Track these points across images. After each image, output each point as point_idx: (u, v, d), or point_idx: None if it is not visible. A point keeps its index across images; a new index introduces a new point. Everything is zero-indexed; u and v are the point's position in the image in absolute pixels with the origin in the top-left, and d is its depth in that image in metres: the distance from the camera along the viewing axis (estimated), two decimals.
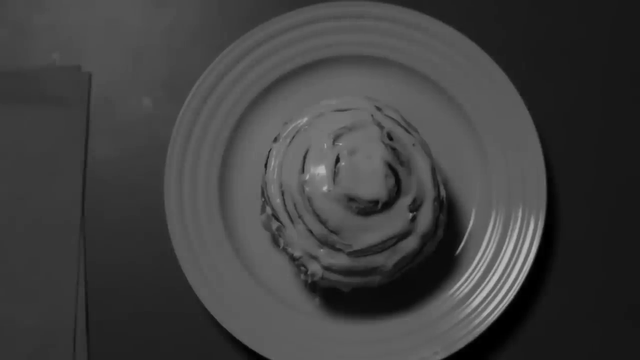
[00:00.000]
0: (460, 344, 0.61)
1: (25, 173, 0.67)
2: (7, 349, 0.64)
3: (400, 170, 0.58)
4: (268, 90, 0.67)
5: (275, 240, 0.63)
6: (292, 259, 0.59)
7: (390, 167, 0.57)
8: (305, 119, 0.61)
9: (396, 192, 0.58)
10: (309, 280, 0.60)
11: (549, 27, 0.70)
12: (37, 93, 0.69)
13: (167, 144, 0.65)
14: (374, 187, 0.57)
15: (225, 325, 0.62)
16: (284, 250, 0.59)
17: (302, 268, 0.59)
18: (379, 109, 0.61)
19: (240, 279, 0.63)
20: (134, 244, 0.66)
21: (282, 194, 0.59)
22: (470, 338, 0.61)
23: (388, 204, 0.57)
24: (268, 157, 0.61)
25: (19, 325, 0.64)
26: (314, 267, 0.59)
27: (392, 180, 0.57)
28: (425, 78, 0.67)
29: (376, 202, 0.57)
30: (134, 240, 0.66)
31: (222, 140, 0.66)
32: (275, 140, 0.61)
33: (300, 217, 0.58)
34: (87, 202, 0.67)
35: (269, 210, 0.59)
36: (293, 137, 0.60)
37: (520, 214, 0.63)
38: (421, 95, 0.67)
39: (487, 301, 0.62)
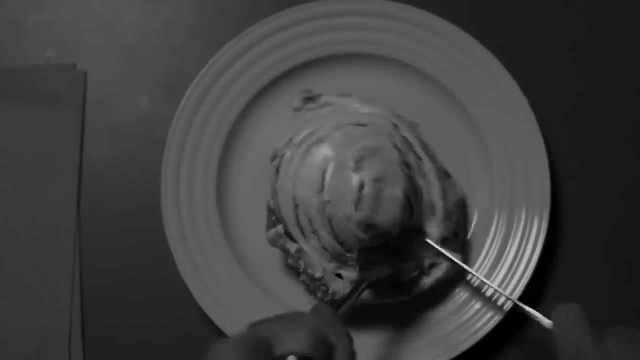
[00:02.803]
0: (462, 348, 0.60)
1: (20, 172, 0.67)
2: (1, 351, 0.63)
3: (415, 204, 0.59)
4: (266, 89, 0.67)
5: (286, 259, 0.62)
6: (313, 279, 0.59)
7: (408, 200, 0.58)
8: (322, 130, 0.60)
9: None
10: (326, 299, 0.60)
11: (552, 25, 0.70)
12: (31, 91, 0.69)
13: (164, 143, 0.65)
14: (391, 218, 0.58)
15: (222, 327, 0.61)
16: (304, 271, 0.60)
17: (323, 288, 0.59)
18: (395, 126, 0.62)
19: (238, 281, 0.63)
20: (130, 244, 0.66)
21: (296, 207, 0.59)
22: (472, 341, 0.61)
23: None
24: (282, 163, 0.60)
25: (13, 328, 0.64)
26: (336, 286, 0.59)
27: (407, 214, 0.58)
28: (427, 77, 0.66)
29: (391, 232, 0.58)
30: (130, 241, 0.66)
31: (220, 139, 0.66)
32: (289, 144, 0.61)
33: (315, 232, 0.58)
34: (83, 202, 0.67)
35: (281, 229, 0.59)
36: (309, 148, 0.60)
37: (523, 215, 0.63)
38: (423, 95, 0.67)
39: (489, 304, 0.61)
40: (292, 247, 0.59)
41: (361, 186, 0.57)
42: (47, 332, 0.63)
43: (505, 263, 0.62)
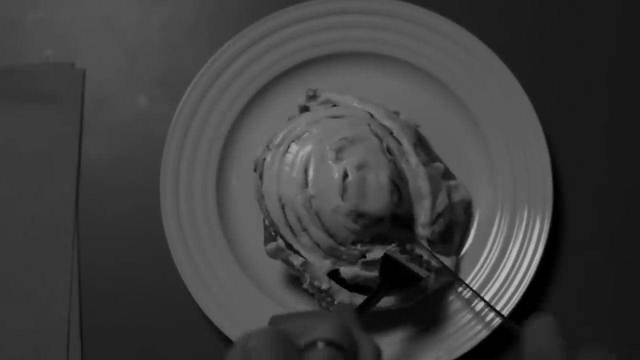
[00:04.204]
0: (464, 349, 0.60)
1: (18, 172, 0.67)
2: None
3: (402, 187, 0.59)
4: (266, 88, 0.67)
5: (289, 271, 0.62)
6: (319, 290, 0.59)
7: (394, 183, 0.58)
8: (299, 128, 0.60)
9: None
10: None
11: (554, 24, 0.70)
12: (30, 91, 0.69)
13: (164, 142, 0.65)
14: (381, 204, 0.57)
15: (222, 328, 0.61)
16: (310, 284, 0.59)
17: (328, 299, 0.59)
18: (371, 115, 0.61)
19: (238, 281, 0.63)
20: (129, 245, 0.66)
21: (283, 207, 0.58)
22: (473, 343, 0.60)
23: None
24: (264, 167, 0.60)
25: (11, 328, 0.63)
26: (342, 297, 0.59)
27: (396, 197, 0.58)
28: (429, 76, 0.66)
29: (382, 219, 0.58)
30: (129, 241, 0.66)
31: (220, 138, 0.66)
32: (268, 148, 0.60)
33: (305, 230, 0.58)
34: (81, 202, 0.67)
35: (281, 242, 0.59)
36: (288, 147, 0.59)
37: (525, 215, 0.63)
38: (425, 94, 0.67)
39: (491, 304, 0.61)
40: (296, 260, 0.59)
41: (345, 175, 0.57)
42: (45, 332, 0.63)
43: (507, 263, 0.62)
